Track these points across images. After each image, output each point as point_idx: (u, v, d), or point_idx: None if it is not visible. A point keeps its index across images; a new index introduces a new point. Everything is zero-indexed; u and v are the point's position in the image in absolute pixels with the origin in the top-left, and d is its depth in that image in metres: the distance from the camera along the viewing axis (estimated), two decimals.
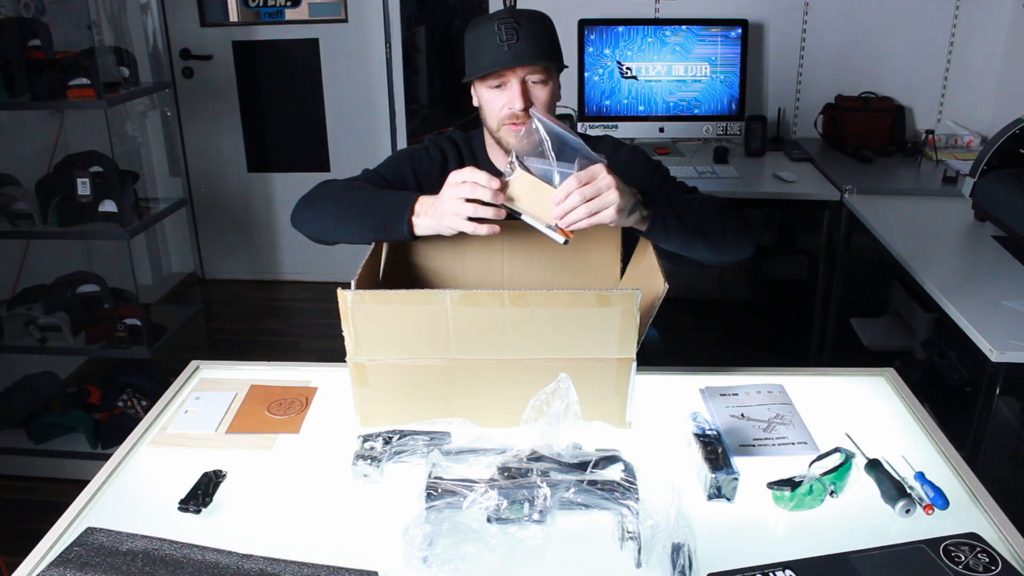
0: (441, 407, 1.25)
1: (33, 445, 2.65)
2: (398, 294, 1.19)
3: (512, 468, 1.10)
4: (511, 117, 1.47)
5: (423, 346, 1.22)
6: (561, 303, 1.18)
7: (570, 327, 1.20)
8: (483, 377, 1.25)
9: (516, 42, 1.43)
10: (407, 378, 1.26)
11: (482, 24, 1.47)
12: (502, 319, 1.19)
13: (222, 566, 1.03)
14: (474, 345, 1.22)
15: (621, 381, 1.25)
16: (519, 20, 1.45)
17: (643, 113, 3.05)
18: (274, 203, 4.03)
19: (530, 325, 1.20)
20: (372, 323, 1.20)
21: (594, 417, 1.24)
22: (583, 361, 1.23)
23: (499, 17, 1.46)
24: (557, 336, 1.21)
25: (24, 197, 2.57)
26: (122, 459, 1.27)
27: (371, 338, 1.22)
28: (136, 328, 2.60)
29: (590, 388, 1.23)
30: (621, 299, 1.17)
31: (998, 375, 1.64)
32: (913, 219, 2.39)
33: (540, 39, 1.46)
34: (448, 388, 1.26)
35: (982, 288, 1.88)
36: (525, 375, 1.23)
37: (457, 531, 1.03)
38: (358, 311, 1.19)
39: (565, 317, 1.19)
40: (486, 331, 1.20)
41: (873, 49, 3.16)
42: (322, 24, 3.70)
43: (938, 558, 1.01)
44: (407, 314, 1.20)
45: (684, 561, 0.98)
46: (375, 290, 1.20)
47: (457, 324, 1.20)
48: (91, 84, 2.42)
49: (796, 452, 1.25)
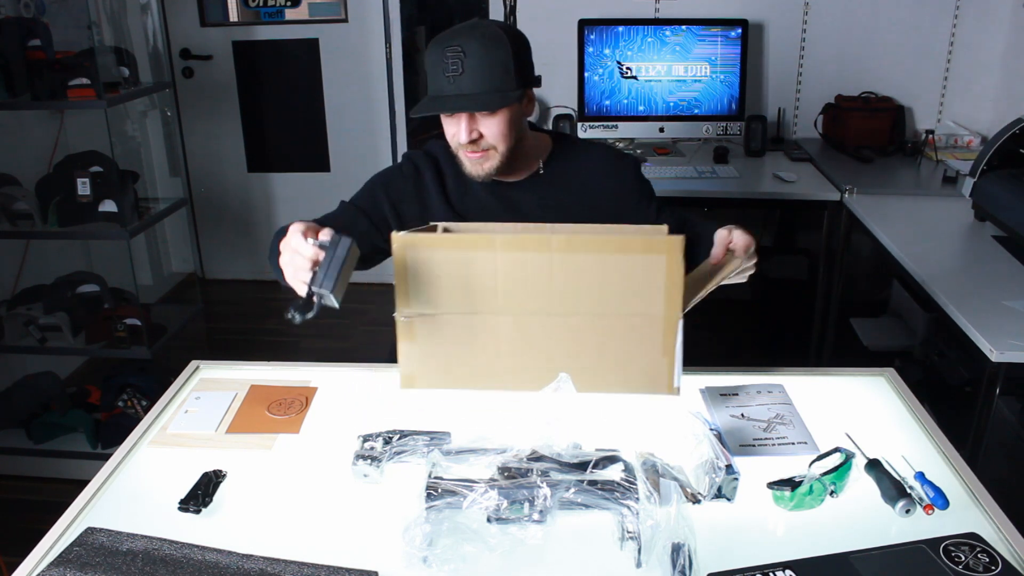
0: (487, 367, 1.25)
1: (33, 445, 2.65)
2: (448, 238, 1.21)
3: (512, 468, 1.10)
4: (464, 147, 1.45)
5: (472, 298, 1.23)
6: (608, 249, 1.19)
7: (617, 276, 1.21)
8: (530, 336, 1.24)
9: (460, 75, 1.37)
10: (454, 334, 1.26)
11: (434, 47, 1.41)
12: (549, 266, 1.20)
13: (222, 566, 1.03)
14: (521, 295, 1.22)
15: (668, 341, 1.24)
16: (466, 48, 1.37)
17: (643, 113, 3.05)
18: (274, 203, 4.03)
19: (577, 273, 1.21)
20: (422, 271, 1.21)
21: (641, 383, 1.25)
22: (629, 318, 1.23)
23: (447, 43, 1.39)
24: (603, 287, 1.21)
25: (24, 197, 2.57)
26: (122, 459, 1.27)
27: (420, 288, 1.22)
28: (136, 328, 2.60)
29: (636, 350, 1.24)
30: (667, 245, 1.18)
31: (998, 375, 1.64)
32: (913, 219, 2.39)
33: (488, 71, 1.38)
34: (494, 346, 1.25)
35: (982, 288, 1.88)
36: (572, 333, 1.24)
37: (457, 531, 1.03)
38: (409, 256, 1.20)
39: (611, 265, 1.20)
40: (533, 279, 1.21)
41: (873, 49, 3.16)
42: (322, 24, 3.70)
43: (938, 558, 1.01)
44: (456, 261, 1.21)
45: (684, 561, 0.98)
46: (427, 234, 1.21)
47: (505, 271, 1.20)
48: (91, 84, 2.42)
49: (796, 452, 1.25)
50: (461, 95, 1.39)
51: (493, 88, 1.39)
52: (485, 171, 1.48)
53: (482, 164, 1.47)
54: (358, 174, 4.20)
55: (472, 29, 1.41)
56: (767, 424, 1.32)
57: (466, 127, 1.41)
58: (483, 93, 1.39)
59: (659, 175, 2.76)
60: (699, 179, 2.74)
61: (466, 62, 1.37)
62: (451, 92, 1.39)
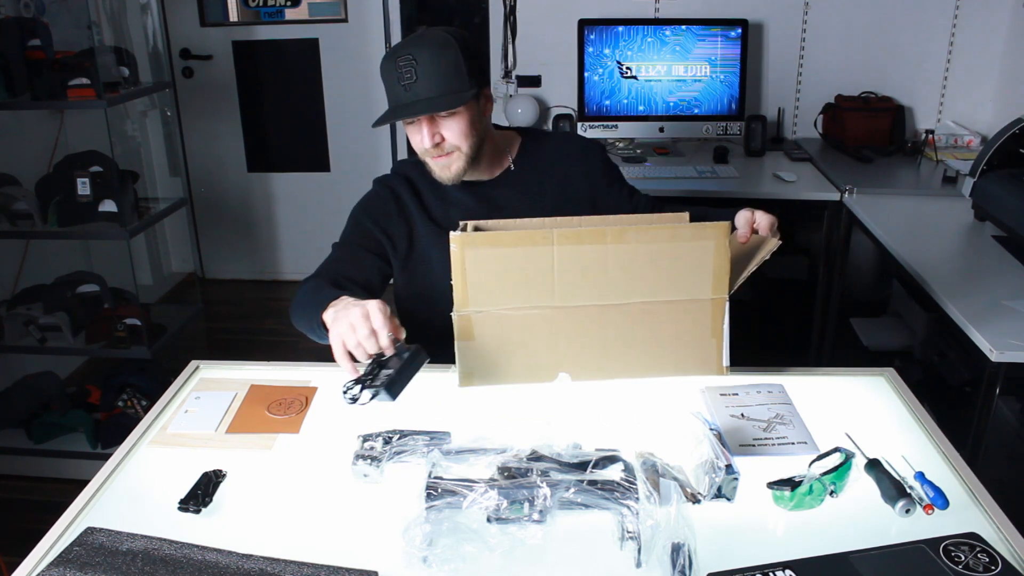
0: (544, 361, 1.28)
1: (33, 445, 2.65)
2: (507, 235, 1.24)
3: (512, 468, 1.10)
4: (429, 152, 1.49)
5: (529, 291, 1.26)
6: (659, 239, 1.24)
7: (667, 262, 1.26)
8: (585, 327, 1.29)
9: (415, 82, 1.41)
10: (512, 331, 1.29)
11: (388, 58, 1.45)
12: (604, 257, 1.24)
13: (222, 566, 1.03)
14: (577, 288, 1.26)
15: (717, 323, 1.31)
16: (417, 57, 1.41)
17: (643, 113, 3.05)
18: (274, 203, 4.03)
19: (630, 263, 1.25)
20: (481, 269, 1.24)
21: (693, 365, 1.33)
22: (679, 304, 1.28)
23: (399, 53, 1.42)
24: (655, 273, 1.26)
25: (24, 197, 2.57)
26: (122, 459, 1.27)
27: (479, 286, 1.25)
28: (136, 328, 2.60)
29: (688, 332, 1.31)
30: (714, 231, 1.24)
31: (998, 375, 1.64)
32: (913, 219, 2.39)
33: (440, 74, 1.41)
34: (551, 339, 1.28)
35: (982, 288, 1.88)
36: (626, 321, 1.29)
37: (457, 531, 1.03)
38: (469, 255, 1.22)
39: (663, 253, 1.25)
40: (589, 271, 1.25)
41: (873, 49, 3.16)
42: (322, 24, 3.70)
43: (938, 558, 1.01)
44: (515, 257, 1.24)
45: (684, 561, 0.98)
46: (485, 232, 1.24)
47: (562, 265, 1.24)
48: (91, 84, 2.42)
49: (796, 452, 1.25)
50: (418, 100, 1.42)
51: (448, 90, 1.43)
52: (453, 173, 1.51)
53: (449, 167, 1.50)
54: (358, 174, 4.21)
55: (420, 38, 1.46)
56: (767, 424, 1.32)
57: (428, 132, 1.46)
58: (438, 96, 1.42)
59: (659, 175, 2.76)
60: (699, 179, 2.74)
61: (418, 68, 1.41)
62: (408, 99, 1.43)
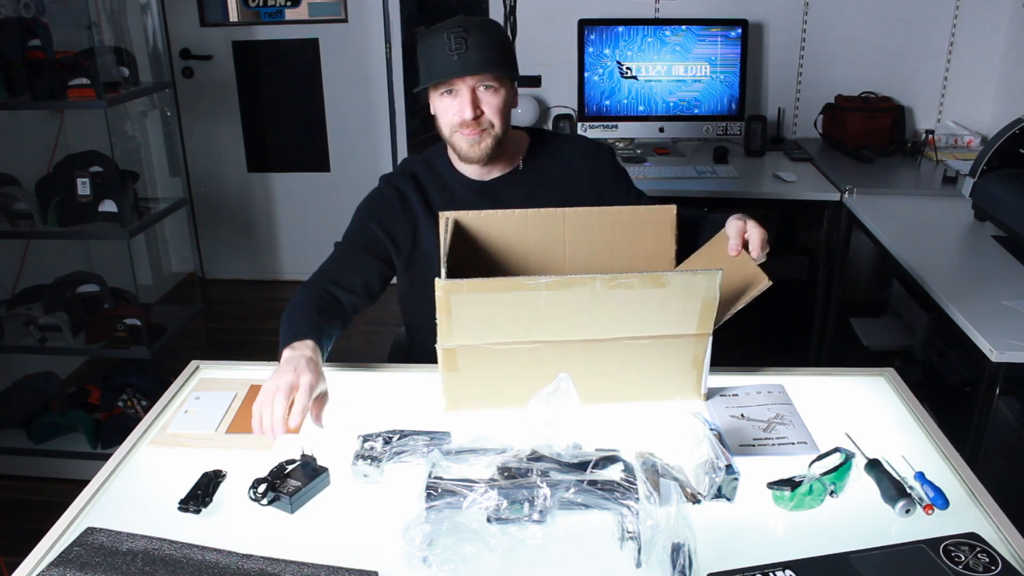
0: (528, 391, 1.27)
1: (33, 445, 2.65)
2: (493, 282, 1.23)
3: (512, 468, 1.10)
4: (463, 124, 1.50)
5: (514, 330, 1.26)
6: (650, 284, 1.23)
7: (656, 306, 1.26)
8: (571, 358, 1.28)
9: (465, 51, 1.45)
10: (496, 361, 1.29)
11: (433, 34, 1.48)
12: (592, 302, 1.24)
13: (222, 566, 1.03)
14: (564, 327, 1.26)
15: (699, 355, 1.32)
16: (468, 29, 1.46)
17: (643, 113, 3.05)
18: (274, 203, 4.03)
19: (618, 306, 1.25)
20: (465, 310, 1.23)
21: (672, 391, 1.33)
22: (665, 338, 1.29)
23: (448, 27, 1.47)
24: (643, 314, 1.26)
25: (24, 197, 2.57)
26: (122, 459, 1.27)
27: (463, 324, 1.25)
28: (136, 328, 2.60)
29: (670, 363, 1.32)
30: (706, 279, 1.23)
31: (998, 375, 1.64)
32: (913, 219, 2.39)
33: (490, 47, 1.46)
34: (536, 370, 1.28)
35: (982, 288, 1.88)
36: (612, 354, 1.29)
37: (457, 531, 1.03)
38: (454, 300, 1.22)
39: (652, 297, 1.24)
40: (576, 313, 1.25)
41: (873, 49, 3.16)
42: (322, 24, 3.70)
43: (938, 558, 1.01)
44: (501, 302, 1.23)
45: (684, 561, 0.98)
46: (470, 279, 1.23)
47: (549, 308, 1.24)
48: (91, 84, 2.42)
49: (796, 452, 1.25)
50: (468, 66, 1.45)
51: (496, 63, 1.47)
52: (482, 150, 1.53)
53: (479, 144, 1.52)
54: (358, 174, 4.21)
55: (468, 18, 1.50)
56: (767, 424, 1.32)
57: (470, 101, 1.48)
58: (490, 65, 1.47)
59: (659, 175, 2.76)
60: (699, 179, 2.74)
61: (469, 39, 1.45)
62: (459, 66, 1.45)
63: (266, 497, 1.14)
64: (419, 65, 1.53)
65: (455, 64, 1.45)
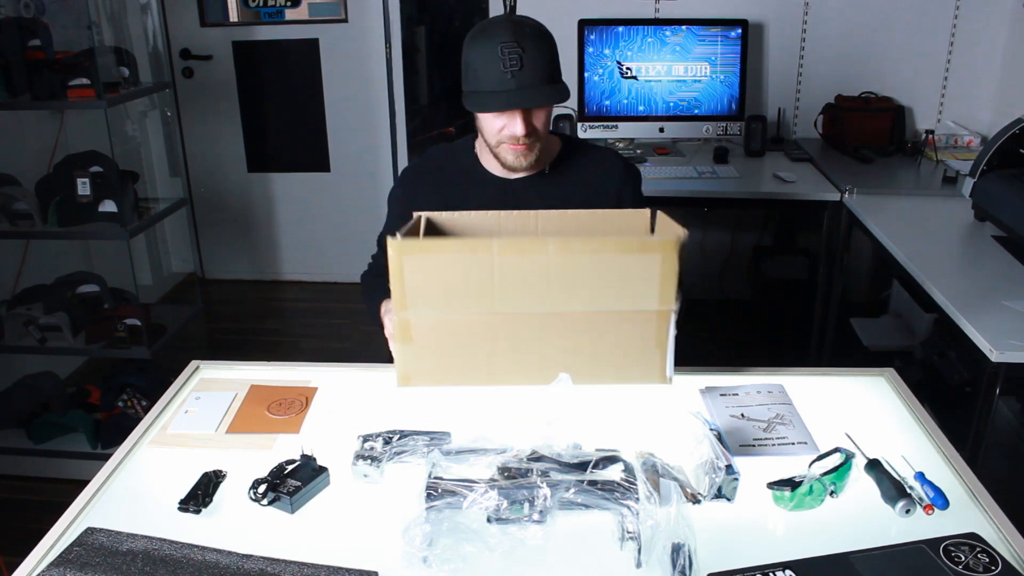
0: (483, 364, 1.26)
1: (33, 445, 2.65)
2: (446, 242, 1.22)
3: (512, 468, 1.10)
4: (511, 139, 1.48)
5: (469, 298, 1.24)
6: (605, 250, 1.21)
7: (612, 275, 1.22)
8: (526, 332, 1.26)
9: (520, 69, 1.41)
10: (451, 334, 1.27)
11: (484, 43, 1.43)
12: (547, 267, 1.21)
13: (222, 566, 1.03)
14: (518, 296, 1.23)
15: (661, 334, 1.26)
16: (523, 43, 1.40)
17: (643, 113, 3.05)
18: (274, 203, 4.03)
19: (573, 274, 1.22)
20: (419, 274, 1.22)
21: (635, 374, 1.28)
22: (624, 314, 1.25)
23: (502, 39, 1.41)
24: (599, 285, 1.23)
25: (24, 197, 2.57)
26: (122, 459, 1.27)
27: (417, 290, 1.23)
28: (136, 328, 2.60)
29: (631, 342, 1.27)
30: (662, 245, 1.20)
31: (998, 375, 1.64)
32: (913, 219, 2.39)
33: (544, 64, 1.43)
34: (491, 344, 1.26)
35: (982, 288, 1.88)
36: (568, 329, 1.26)
37: (457, 531, 1.03)
38: (407, 261, 1.21)
39: (607, 264, 1.22)
40: (531, 281, 1.22)
41: (873, 49, 3.16)
42: (322, 24, 3.70)
43: (938, 558, 1.01)
44: (454, 263, 1.22)
45: (684, 561, 0.98)
46: (424, 239, 1.22)
47: (503, 273, 1.21)
48: (91, 84, 2.42)
49: (796, 452, 1.25)
50: (524, 88, 1.42)
51: (551, 79, 1.45)
52: (528, 161, 1.53)
53: (526, 155, 1.51)
54: (358, 174, 4.21)
55: (517, 24, 1.45)
56: (767, 424, 1.32)
57: (523, 121, 1.45)
58: (546, 84, 1.44)
59: (659, 175, 2.76)
60: (699, 179, 2.74)
61: (524, 56, 1.41)
62: (513, 86, 1.42)
63: (266, 497, 1.15)
64: (465, 73, 1.48)
65: (510, 84, 1.41)
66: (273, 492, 1.15)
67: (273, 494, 1.15)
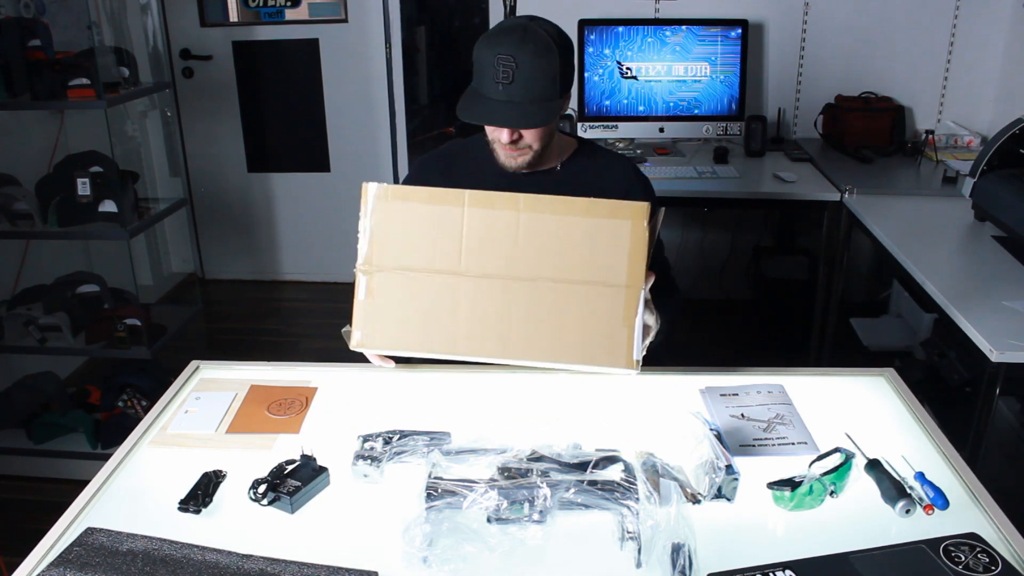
0: (443, 331, 1.24)
1: (33, 445, 2.65)
2: (420, 190, 1.21)
3: (512, 468, 1.10)
4: (502, 143, 1.49)
5: (436, 251, 1.23)
6: (573, 210, 1.20)
7: (580, 240, 1.20)
8: (489, 298, 1.24)
9: (511, 83, 1.40)
10: (413, 294, 1.25)
11: (487, 47, 1.42)
12: (515, 225, 1.20)
13: (222, 566, 1.03)
14: (484, 255, 1.22)
15: (629, 312, 1.22)
16: (520, 58, 1.39)
17: (643, 113, 3.05)
18: (274, 203, 4.03)
19: (541, 235, 1.21)
20: (389, 222, 1.22)
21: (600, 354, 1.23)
22: (591, 286, 1.22)
23: (501, 50, 1.40)
24: (566, 250, 1.21)
25: (24, 197, 2.57)
26: (122, 459, 1.27)
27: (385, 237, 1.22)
28: (136, 328, 2.60)
29: (596, 319, 1.22)
30: (632, 211, 1.18)
31: (998, 375, 1.64)
32: (913, 219, 2.39)
33: (538, 81, 1.41)
34: (452, 309, 1.24)
35: (982, 288, 1.88)
36: (532, 298, 1.23)
37: (457, 531, 1.03)
38: (380, 207, 1.21)
39: (575, 227, 1.20)
40: (498, 238, 1.21)
41: (873, 49, 3.16)
42: (322, 24, 3.70)
43: (938, 558, 1.01)
44: (425, 213, 1.21)
45: (684, 561, 0.98)
46: (397, 185, 1.22)
47: (471, 226, 1.21)
48: (91, 84, 2.42)
49: (796, 452, 1.25)
50: (510, 102, 1.41)
51: (541, 97, 1.42)
52: (519, 164, 1.54)
53: (516, 158, 1.53)
54: (358, 174, 4.21)
55: (524, 33, 1.42)
56: (767, 424, 1.32)
57: (507, 132, 1.46)
58: (531, 102, 1.42)
59: (659, 175, 2.76)
60: (699, 179, 2.74)
61: (516, 72, 1.39)
62: (501, 98, 1.41)
63: (266, 497, 1.15)
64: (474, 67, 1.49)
65: (498, 95, 1.40)
66: (273, 492, 1.15)
67: (273, 494, 1.15)
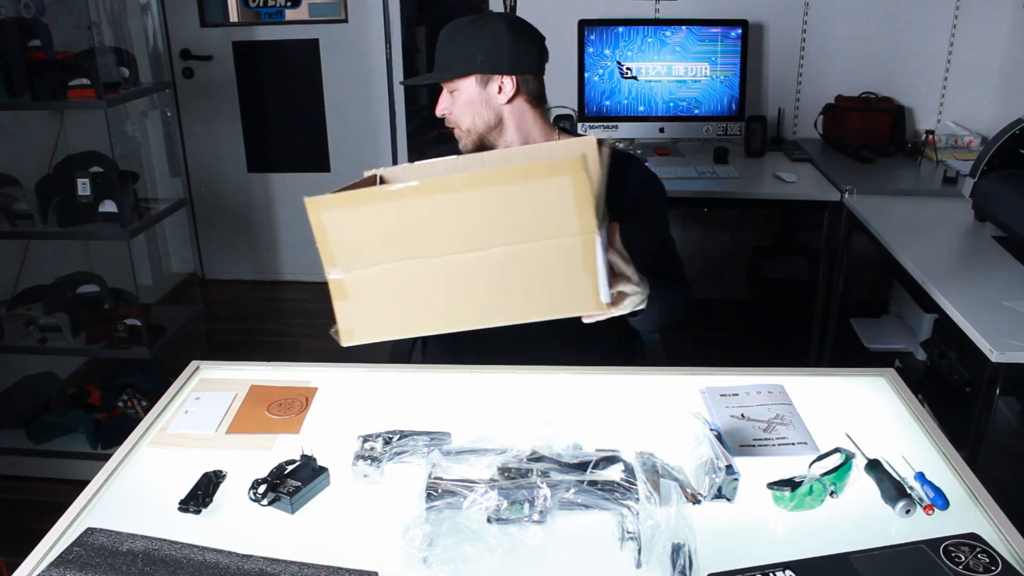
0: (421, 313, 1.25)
1: (33, 445, 2.65)
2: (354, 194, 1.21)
3: (512, 468, 1.10)
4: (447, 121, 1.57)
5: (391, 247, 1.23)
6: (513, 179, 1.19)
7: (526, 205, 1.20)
8: (455, 277, 1.24)
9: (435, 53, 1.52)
10: (383, 288, 1.25)
11: None
12: (460, 205, 1.19)
13: (222, 566, 1.03)
14: (438, 240, 1.22)
15: (588, 257, 1.22)
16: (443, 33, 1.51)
17: (643, 113, 3.05)
18: (274, 203, 4.03)
19: (488, 209, 1.20)
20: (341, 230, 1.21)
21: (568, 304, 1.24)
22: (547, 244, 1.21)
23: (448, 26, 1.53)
24: (515, 218, 1.21)
25: (24, 197, 2.57)
26: (122, 459, 1.27)
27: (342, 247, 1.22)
28: (136, 328, 2.60)
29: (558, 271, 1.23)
30: (570, 166, 1.16)
31: (998, 375, 1.64)
32: (913, 219, 2.39)
33: (444, 52, 1.51)
34: (424, 293, 1.25)
35: (982, 288, 1.88)
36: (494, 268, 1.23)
37: (457, 531, 1.03)
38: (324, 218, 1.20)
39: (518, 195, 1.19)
40: (447, 222, 1.20)
41: (873, 49, 3.16)
42: (322, 24, 3.70)
43: (938, 558, 1.01)
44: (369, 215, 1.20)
45: (684, 561, 0.98)
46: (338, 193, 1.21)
47: (418, 217, 1.20)
48: (91, 84, 2.42)
49: (796, 452, 1.25)
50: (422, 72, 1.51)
51: (449, 68, 1.49)
52: (462, 145, 1.58)
53: (460, 139, 1.57)
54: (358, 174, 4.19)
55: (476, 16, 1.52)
56: (767, 424, 1.32)
57: (439, 101, 1.54)
58: (442, 71, 1.51)
59: (659, 175, 2.74)
60: (699, 179, 2.74)
61: (440, 41, 1.51)
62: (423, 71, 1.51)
63: (266, 497, 1.15)
64: None
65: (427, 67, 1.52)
66: (273, 492, 1.15)
67: (273, 494, 1.15)
